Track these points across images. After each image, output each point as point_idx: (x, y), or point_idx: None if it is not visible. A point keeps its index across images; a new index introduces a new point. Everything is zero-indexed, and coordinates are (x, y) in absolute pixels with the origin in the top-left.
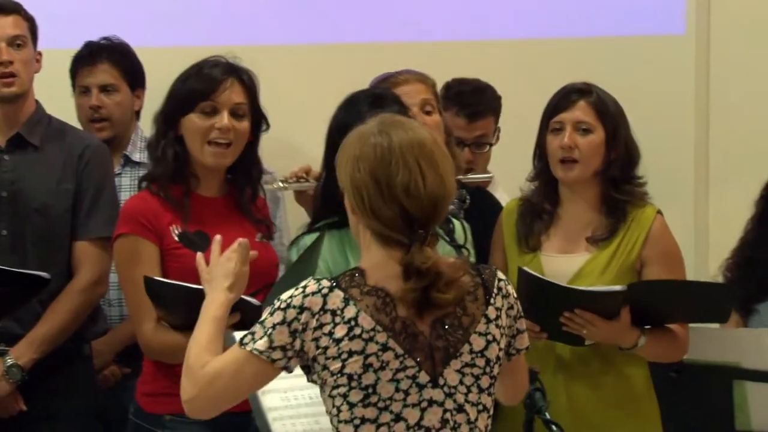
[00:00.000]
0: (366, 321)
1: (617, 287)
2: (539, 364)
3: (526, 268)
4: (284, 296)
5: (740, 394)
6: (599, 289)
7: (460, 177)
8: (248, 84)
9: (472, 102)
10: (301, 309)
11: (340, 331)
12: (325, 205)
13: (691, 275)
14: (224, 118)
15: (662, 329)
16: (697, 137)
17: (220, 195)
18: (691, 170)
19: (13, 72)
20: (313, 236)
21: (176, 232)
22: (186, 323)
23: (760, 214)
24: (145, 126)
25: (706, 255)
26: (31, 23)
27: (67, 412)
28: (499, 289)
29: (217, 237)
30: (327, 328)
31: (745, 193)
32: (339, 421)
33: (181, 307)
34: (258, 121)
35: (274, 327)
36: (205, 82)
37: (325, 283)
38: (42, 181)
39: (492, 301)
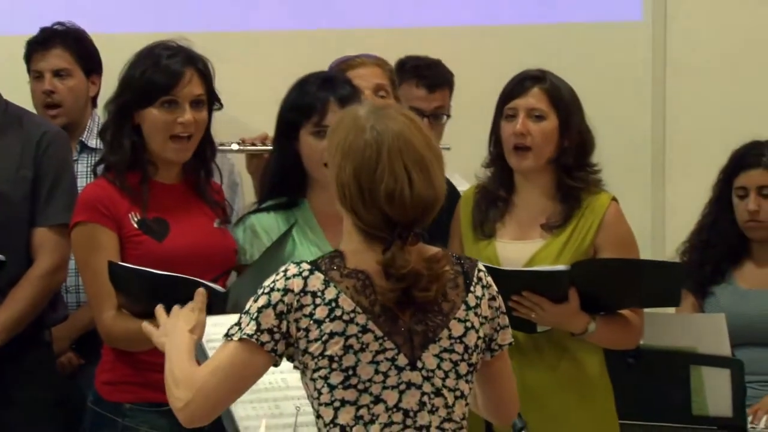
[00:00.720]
0: (346, 302)
1: (561, 266)
2: None
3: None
4: (266, 282)
5: (697, 379)
6: (542, 269)
7: None
8: (206, 73)
9: (430, 74)
10: (285, 291)
11: (320, 313)
12: (274, 185)
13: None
14: (187, 113)
15: (615, 316)
16: (653, 124)
17: (177, 181)
18: (648, 158)
19: None
20: (260, 216)
21: (135, 219)
22: (147, 310)
23: (716, 198)
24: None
25: (663, 241)
26: None
27: (27, 399)
28: (479, 279)
29: (158, 308)
30: (308, 310)
31: (701, 180)
32: (320, 404)
33: (144, 293)
34: (212, 102)
35: (260, 311)
36: (166, 76)
37: (305, 266)
38: (0, 168)
39: (472, 288)
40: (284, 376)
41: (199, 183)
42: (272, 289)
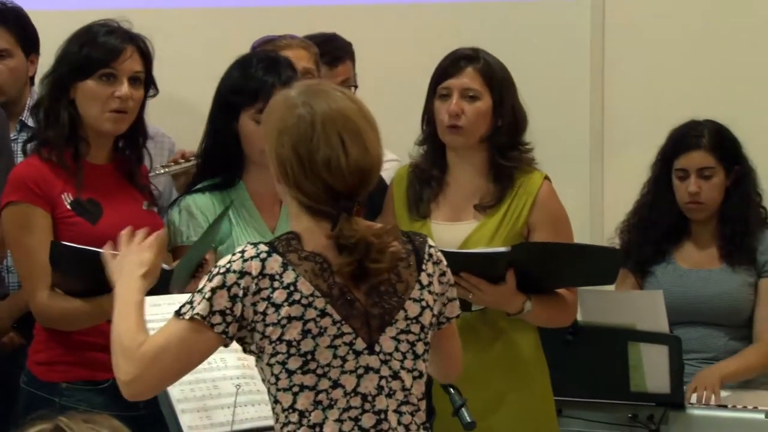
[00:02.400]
0: (305, 286)
1: (501, 248)
2: None
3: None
4: (222, 262)
5: (635, 355)
6: (483, 251)
7: None
8: (146, 52)
9: (328, 49)
10: (242, 273)
11: (279, 296)
12: (208, 165)
13: (586, 241)
14: (124, 87)
15: (550, 295)
16: (592, 104)
17: (108, 162)
18: (586, 137)
19: None
20: (195, 197)
21: (68, 200)
22: (84, 289)
23: (655, 178)
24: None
25: (602, 220)
26: None
27: None
28: (430, 255)
29: (126, 230)
30: (266, 293)
31: (639, 159)
32: (278, 389)
33: (85, 273)
34: (148, 86)
35: (213, 291)
36: (106, 51)
37: (263, 247)
38: None
39: (424, 267)
40: (223, 356)
41: (130, 166)
42: (228, 270)
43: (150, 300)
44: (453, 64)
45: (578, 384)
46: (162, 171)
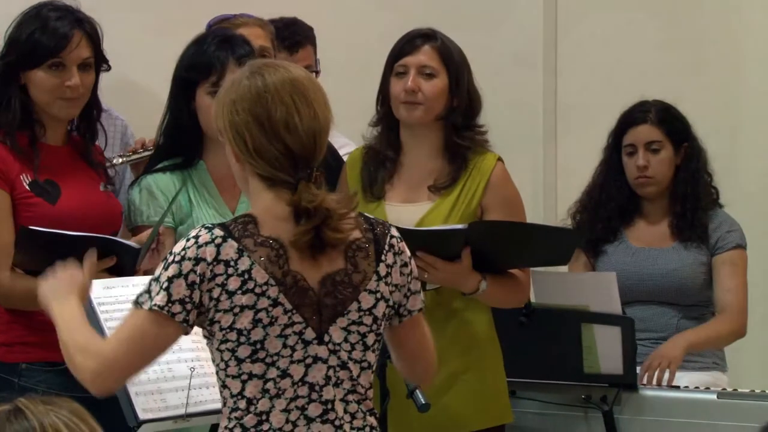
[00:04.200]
0: (259, 274)
1: (458, 225)
2: None
3: (366, 214)
4: (176, 249)
5: (588, 337)
6: (440, 228)
7: None
8: (93, 35)
9: (288, 34)
10: (197, 260)
11: (233, 284)
12: (169, 144)
13: (540, 221)
14: (74, 76)
15: (504, 274)
16: (545, 84)
17: (64, 143)
18: (539, 118)
19: None
20: (156, 176)
21: (27, 181)
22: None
23: (606, 159)
24: None
25: (554, 201)
26: None
27: None
28: (391, 246)
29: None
30: (220, 279)
31: (592, 141)
32: (227, 376)
33: (53, 255)
34: (99, 64)
35: (170, 281)
36: (53, 39)
37: (218, 231)
38: None
39: (383, 258)
40: None
41: (85, 145)
42: (183, 258)
43: (102, 283)
44: (410, 42)
45: (532, 365)
46: (120, 160)
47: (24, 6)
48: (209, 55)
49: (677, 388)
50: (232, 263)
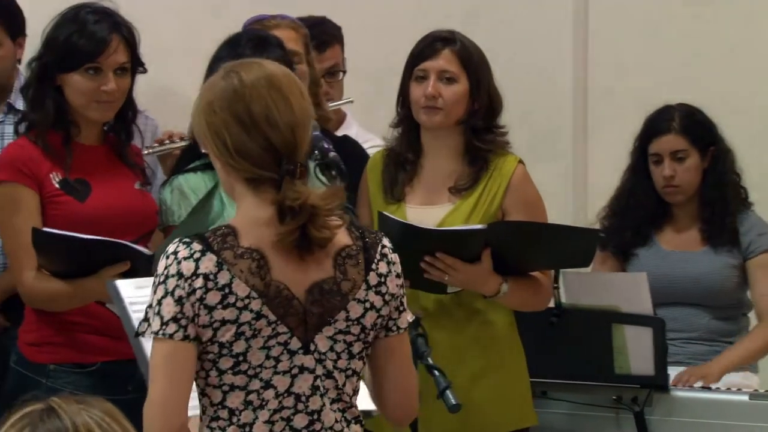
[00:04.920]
0: (240, 288)
1: (478, 226)
2: None
3: (385, 213)
4: (159, 269)
5: (619, 338)
6: (459, 228)
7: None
8: (131, 40)
9: (317, 33)
10: (179, 276)
11: (212, 298)
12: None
13: (569, 221)
14: (110, 81)
15: (525, 277)
16: (575, 83)
17: (98, 143)
18: (569, 117)
19: None
20: (188, 176)
21: (57, 179)
22: (69, 271)
23: (633, 165)
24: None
25: (585, 201)
26: None
27: None
28: (384, 255)
29: None
30: (199, 293)
31: (622, 140)
32: (207, 384)
33: (68, 257)
34: (135, 68)
35: (160, 303)
36: (91, 43)
37: (197, 246)
38: None
39: (374, 266)
40: None
41: (120, 145)
42: (167, 277)
43: (134, 283)
44: (429, 46)
45: (562, 366)
46: (147, 152)
47: (61, 6)
48: (244, 58)
49: (709, 389)
50: (211, 277)
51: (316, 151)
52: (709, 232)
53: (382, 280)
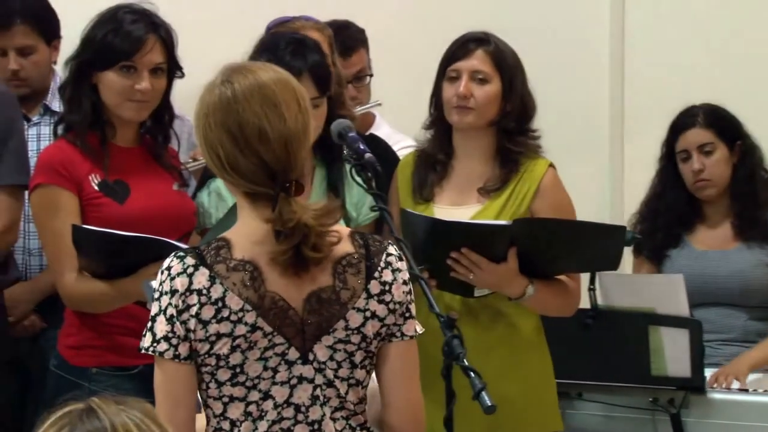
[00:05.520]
0: (233, 301)
1: (502, 221)
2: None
3: (408, 209)
4: (155, 284)
5: (656, 339)
6: (482, 222)
7: (354, 111)
8: (168, 41)
9: (341, 39)
10: (172, 293)
11: (206, 313)
12: None
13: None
14: (145, 80)
15: (553, 280)
16: (611, 84)
17: (135, 145)
18: (606, 118)
19: None
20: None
21: (96, 181)
22: (110, 271)
23: (662, 170)
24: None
25: (621, 204)
26: None
27: None
28: (388, 263)
29: None
30: (194, 310)
31: (659, 140)
32: (208, 396)
33: (108, 255)
34: (173, 70)
35: (153, 320)
36: (127, 42)
37: (190, 261)
38: None
39: (377, 275)
40: None
41: (157, 147)
42: (161, 293)
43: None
44: (462, 46)
45: (598, 368)
46: (181, 167)
47: (99, 7)
48: (284, 63)
49: (746, 391)
50: (204, 291)
51: (352, 153)
52: (741, 226)
53: (386, 288)
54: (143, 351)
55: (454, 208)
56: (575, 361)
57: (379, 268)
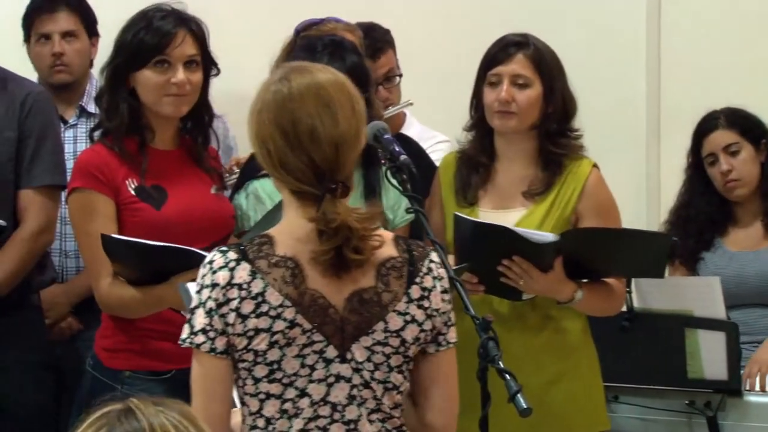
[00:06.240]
0: (273, 296)
1: (549, 236)
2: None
3: (460, 214)
4: (198, 279)
5: (692, 342)
6: (532, 236)
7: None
8: (199, 34)
9: (368, 41)
10: (213, 286)
11: (246, 307)
12: None
13: (642, 226)
14: (179, 73)
15: (599, 283)
16: (648, 85)
17: (174, 147)
18: (642, 121)
19: None
20: (263, 182)
21: (133, 186)
22: (143, 278)
23: (690, 177)
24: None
25: (658, 203)
26: None
27: (13, 361)
28: (430, 269)
29: None
30: (234, 303)
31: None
32: (245, 393)
33: (139, 263)
34: (208, 66)
35: (192, 312)
36: (157, 36)
37: (232, 255)
38: None
39: (418, 280)
40: None
41: (197, 149)
42: (202, 287)
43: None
44: (503, 50)
45: (635, 370)
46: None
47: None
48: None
49: None
50: (245, 286)
51: (387, 155)
52: None
53: (426, 294)
54: (181, 343)
55: (498, 212)
56: (612, 363)
57: (421, 274)
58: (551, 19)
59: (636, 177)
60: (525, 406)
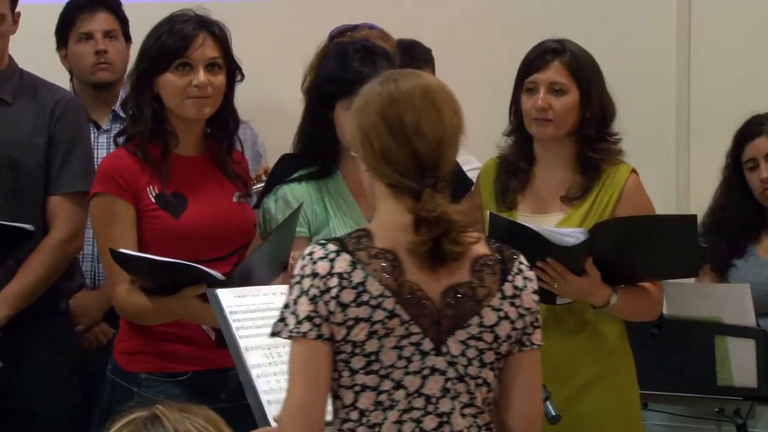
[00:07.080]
0: (374, 286)
1: (579, 233)
2: None
3: (496, 213)
4: (296, 270)
5: (722, 349)
6: (560, 239)
7: None
8: (220, 37)
9: (407, 60)
10: (314, 275)
11: (346, 296)
12: (305, 153)
13: None
14: (200, 75)
15: (635, 287)
16: (678, 91)
17: (198, 153)
18: (672, 126)
19: None
20: (292, 186)
21: (153, 193)
22: (155, 288)
23: (726, 180)
24: None
25: (687, 209)
26: None
27: (42, 367)
28: (520, 270)
29: None
30: (334, 292)
31: (725, 148)
32: (339, 386)
33: (149, 275)
34: (232, 71)
35: (295, 302)
36: (178, 39)
37: (332, 247)
38: (13, 135)
39: (510, 278)
40: None
41: (221, 155)
42: (302, 277)
43: (234, 291)
44: (539, 57)
45: (664, 377)
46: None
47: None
48: (353, 70)
49: None
50: (345, 275)
51: None
52: None
53: (518, 293)
54: (292, 333)
55: (537, 216)
56: (641, 370)
57: (512, 273)
58: (582, 26)
59: (666, 184)
60: (554, 414)
